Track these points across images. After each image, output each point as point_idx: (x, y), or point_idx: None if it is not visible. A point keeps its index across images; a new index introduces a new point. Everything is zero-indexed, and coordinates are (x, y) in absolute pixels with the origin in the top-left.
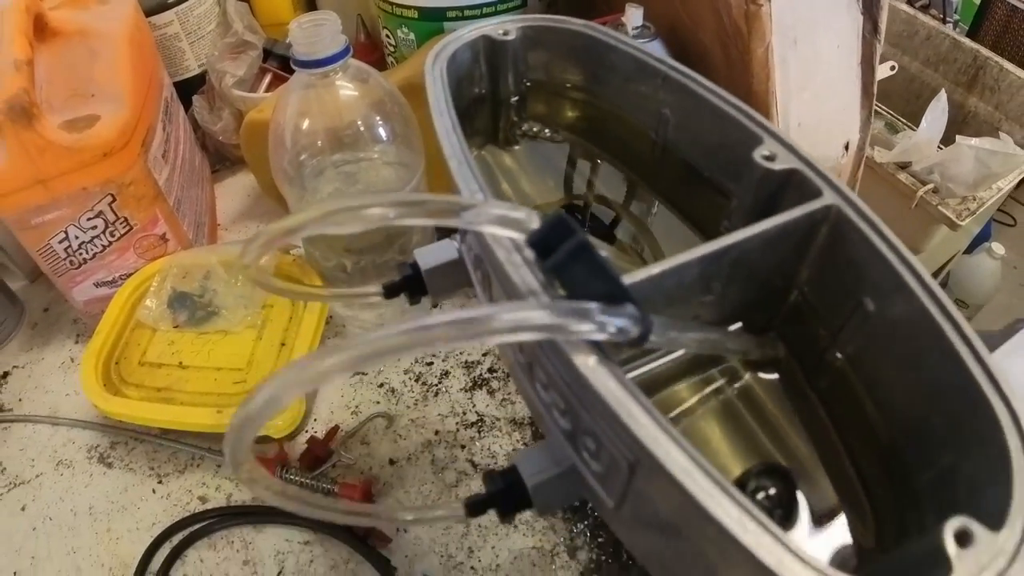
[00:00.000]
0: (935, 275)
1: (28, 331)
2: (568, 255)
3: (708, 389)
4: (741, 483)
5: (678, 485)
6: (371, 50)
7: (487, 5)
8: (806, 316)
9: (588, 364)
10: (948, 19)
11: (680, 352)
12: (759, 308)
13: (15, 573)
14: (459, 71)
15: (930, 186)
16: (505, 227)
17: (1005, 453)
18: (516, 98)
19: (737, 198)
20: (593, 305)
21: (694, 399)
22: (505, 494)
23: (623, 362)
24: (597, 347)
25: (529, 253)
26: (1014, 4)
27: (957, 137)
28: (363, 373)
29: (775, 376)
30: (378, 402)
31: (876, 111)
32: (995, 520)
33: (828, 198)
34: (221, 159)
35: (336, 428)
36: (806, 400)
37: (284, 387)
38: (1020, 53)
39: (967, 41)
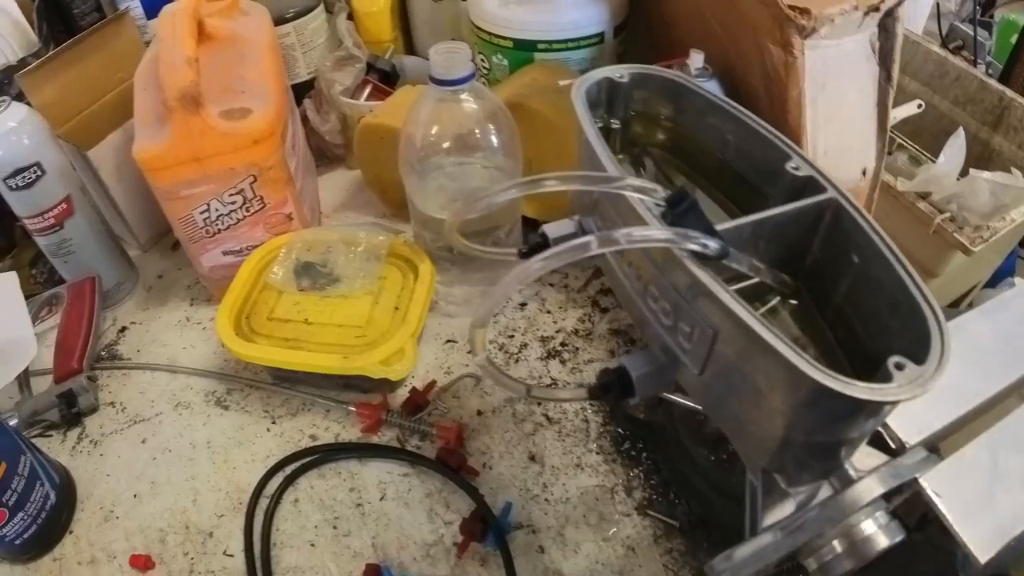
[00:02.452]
0: (955, 304)
1: (143, 293)
2: (687, 207)
3: (763, 308)
4: None
5: (749, 331)
6: None
7: (571, 40)
8: (819, 270)
9: (699, 271)
10: (979, 61)
11: (750, 283)
12: (789, 263)
13: (135, 495)
14: (589, 99)
15: (947, 215)
16: (641, 192)
17: (927, 333)
18: (621, 124)
19: (772, 198)
20: (698, 233)
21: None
22: (616, 384)
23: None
24: (702, 261)
25: (655, 208)
26: None
27: (971, 170)
28: (454, 340)
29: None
30: (467, 365)
31: (902, 145)
32: (919, 361)
33: (831, 194)
34: (321, 156)
35: (433, 382)
36: (817, 319)
37: (507, 286)
38: None
39: (994, 83)
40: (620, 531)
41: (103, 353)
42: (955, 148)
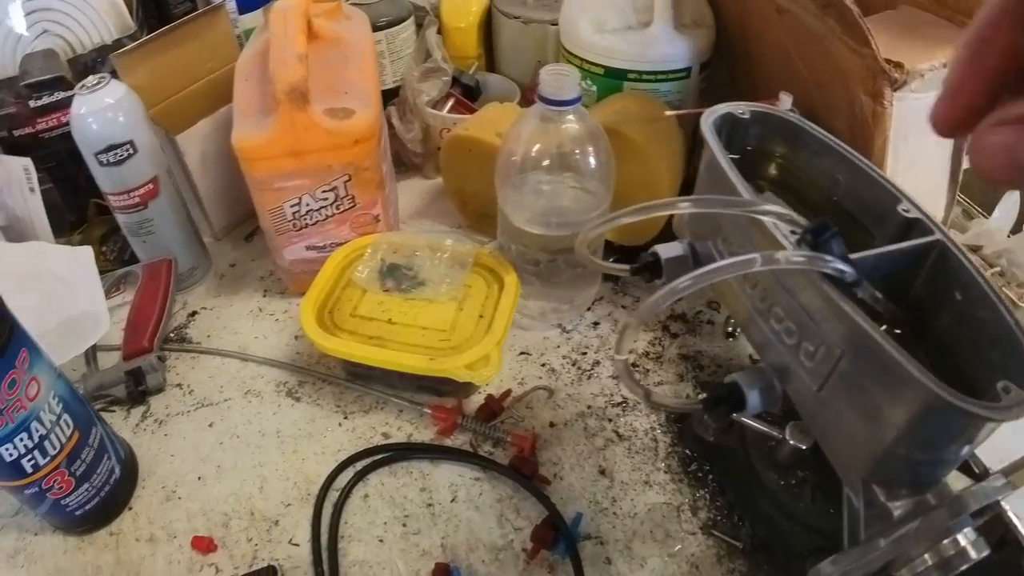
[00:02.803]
0: None
1: (215, 280)
2: (829, 237)
3: None
4: None
5: (882, 351)
6: None
7: (660, 72)
8: (920, 303)
9: (835, 294)
10: None
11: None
12: (891, 295)
13: (199, 477)
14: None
15: (996, 269)
16: (782, 220)
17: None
18: (737, 156)
19: (879, 237)
20: (839, 260)
21: None
22: (728, 398)
23: None
24: (836, 285)
25: (788, 232)
26: None
27: None
28: (528, 353)
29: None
30: (540, 377)
31: (956, 199)
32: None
33: (938, 236)
34: (399, 163)
35: (509, 391)
36: (918, 349)
37: (656, 303)
38: None
39: None
40: (685, 548)
41: (172, 335)
42: (1009, 204)
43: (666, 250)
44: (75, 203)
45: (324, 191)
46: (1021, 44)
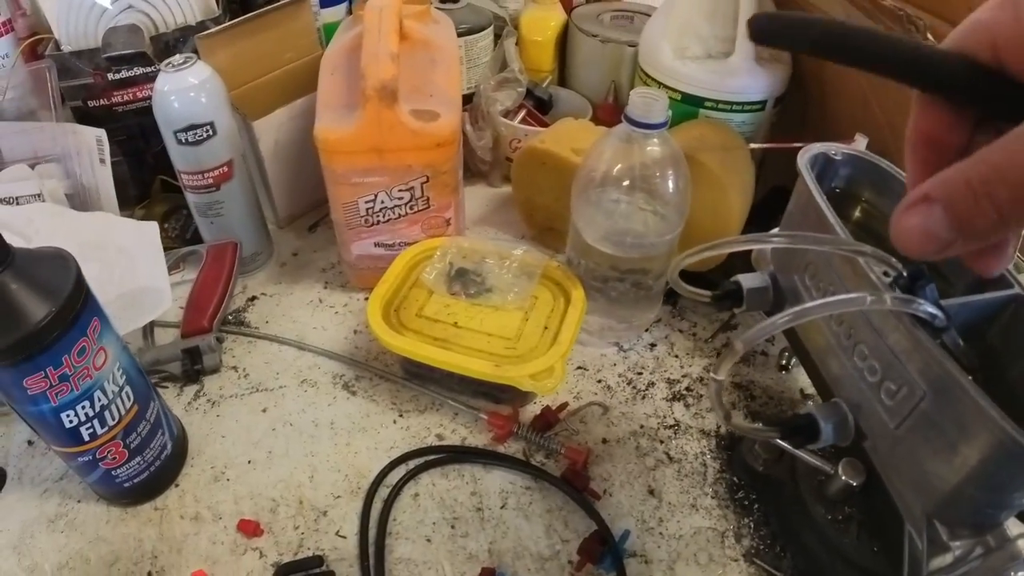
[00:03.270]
0: None
1: (276, 268)
2: (925, 282)
3: None
4: None
5: (966, 394)
6: (614, 112)
7: (737, 103)
8: (994, 352)
9: (926, 338)
10: None
11: None
12: (973, 340)
13: (250, 461)
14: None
15: None
16: (881, 261)
17: None
18: (826, 195)
19: (956, 286)
20: (931, 305)
21: None
22: (806, 429)
23: None
24: (924, 328)
25: (881, 274)
26: None
27: None
28: (584, 368)
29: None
30: (596, 393)
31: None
32: None
33: (1017, 290)
34: (466, 169)
35: (565, 404)
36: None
37: (767, 328)
38: None
39: None
40: (726, 574)
41: (231, 318)
42: None
43: (748, 280)
44: (140, 178)
45: (401, 190)
46: (942, 130)
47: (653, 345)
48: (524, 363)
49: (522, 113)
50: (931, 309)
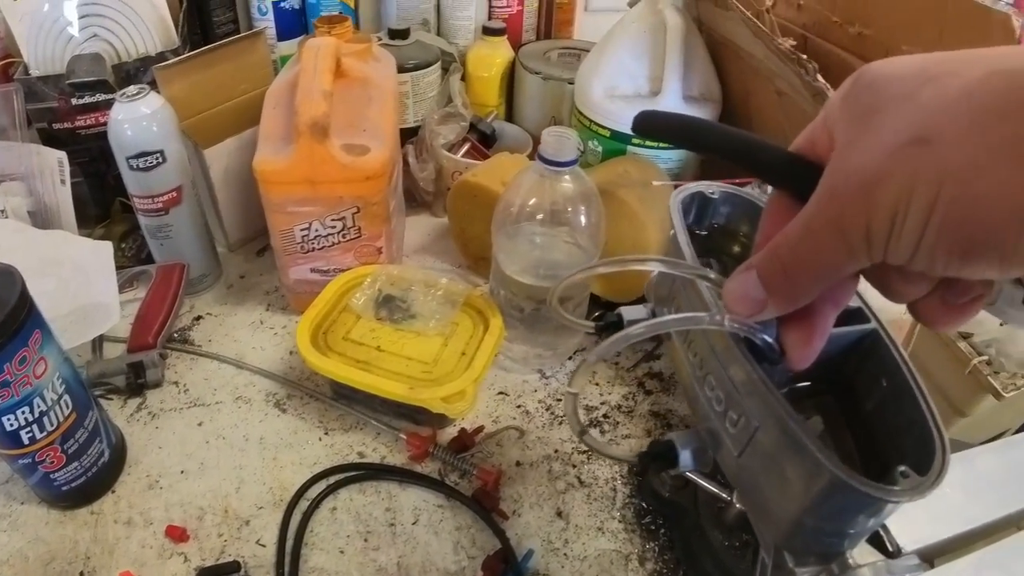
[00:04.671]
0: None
1: (223, 289)
2: None
3: (801, 410)
4: None
5: (788, 428)
6: None
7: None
8: (852, 384)
9: (756, 370)
10: None
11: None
12: (827, 374)
13: (183, 471)
14: (684, 207)
15: (985, 358)
16: (718, 286)
17: (932, 453)
18: (705, 232)
19: None
20: (765, 331)
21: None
22: (665, 455)
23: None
24: (761, 362)
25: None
26: None
27: None
28: (505, 393)
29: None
30: (514, 418)
31: None
32: (922, 471)
33: (873, 325)
34: (410, 199)
35: (482, 427)
36: (843, 426)
37: (612, 345)
38: None
39: None
40: None
41: (176, 335)
42: (1005, 293)
43: (630, 312)
44: (101, 199)
45: (333, 219)
46: (783, 213)
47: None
48: (438, 386)
49: (466, 146)
50: (767, 338)
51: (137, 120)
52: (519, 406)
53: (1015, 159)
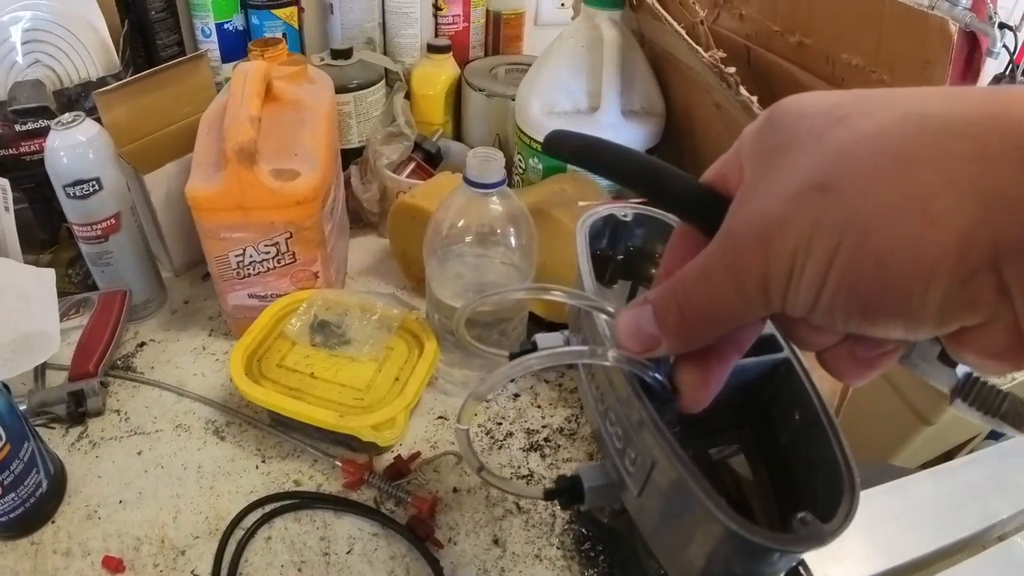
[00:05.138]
0: (951, 454)
1: (168, 315)
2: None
3: (715, 446)
4: None
5: (677, 469)
6: None
7: None
8: (769, 417)
9: (648, 409)
10: None
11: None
12: (744, 407)
13: (121, 501)
14: (595, 231)
15: None
16: (607, 315)
17: (840, 495)
18: (621, 256)
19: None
20: (656, 368)
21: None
22: (570, 491)
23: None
24: (652, 405)
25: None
26: None
27: None
28: (445, 418)
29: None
30: (453, 443)
31: None
32: (827, 518)
33: (786, 353)
34: (356, 220)
35: (418, 454)
36: (759, 461)
37: (498, 379)
38: None
39: None
40: None
41: (119, 363)
42: None
43: (545, 339)
44: (49, 224)
45: (267, 245)
46: (689, 247)
47: (517, 395)
48: (368, 413)
49: (411, 166)
50: (658, 376)
51: (72, 148)
52: (459, 418)
53: (919, 212)
